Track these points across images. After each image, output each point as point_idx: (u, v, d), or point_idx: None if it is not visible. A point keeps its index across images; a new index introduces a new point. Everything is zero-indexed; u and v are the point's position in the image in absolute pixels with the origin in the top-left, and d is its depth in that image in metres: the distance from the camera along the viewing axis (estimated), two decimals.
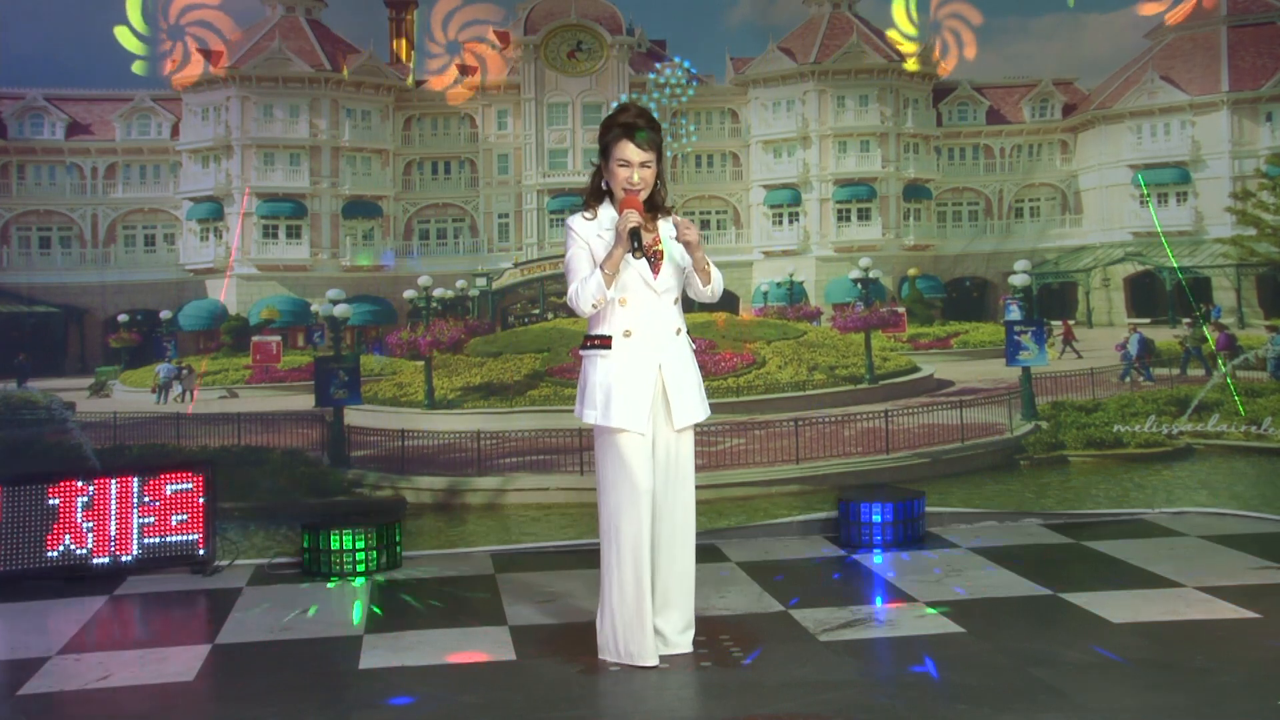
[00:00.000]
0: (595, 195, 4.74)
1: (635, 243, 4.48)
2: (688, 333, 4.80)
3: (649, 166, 4.61)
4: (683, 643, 4.83)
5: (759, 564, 6.39)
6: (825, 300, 7.87)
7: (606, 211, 4.68)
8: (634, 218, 4.49)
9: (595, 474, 4.74)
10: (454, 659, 4.90)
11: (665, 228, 4.73)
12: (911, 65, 7.87)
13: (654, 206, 4.71)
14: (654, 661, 4.65)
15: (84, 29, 7.14)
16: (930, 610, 5.40)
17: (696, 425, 4.81)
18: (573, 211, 4.84)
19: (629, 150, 4.58)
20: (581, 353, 4.75)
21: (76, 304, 7.37)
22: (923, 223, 8.10)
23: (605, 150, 4.65)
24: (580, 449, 7.17)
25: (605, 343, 4.64)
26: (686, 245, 4.61)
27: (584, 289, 4.56)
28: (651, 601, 4.67)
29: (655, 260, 4.64)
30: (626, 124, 4.59)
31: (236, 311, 7.46)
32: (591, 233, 4.64)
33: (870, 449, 7.52)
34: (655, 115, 4.78)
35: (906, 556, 6.49)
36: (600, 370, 4.63)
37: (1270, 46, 7.82)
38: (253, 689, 4.61)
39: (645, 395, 4.60)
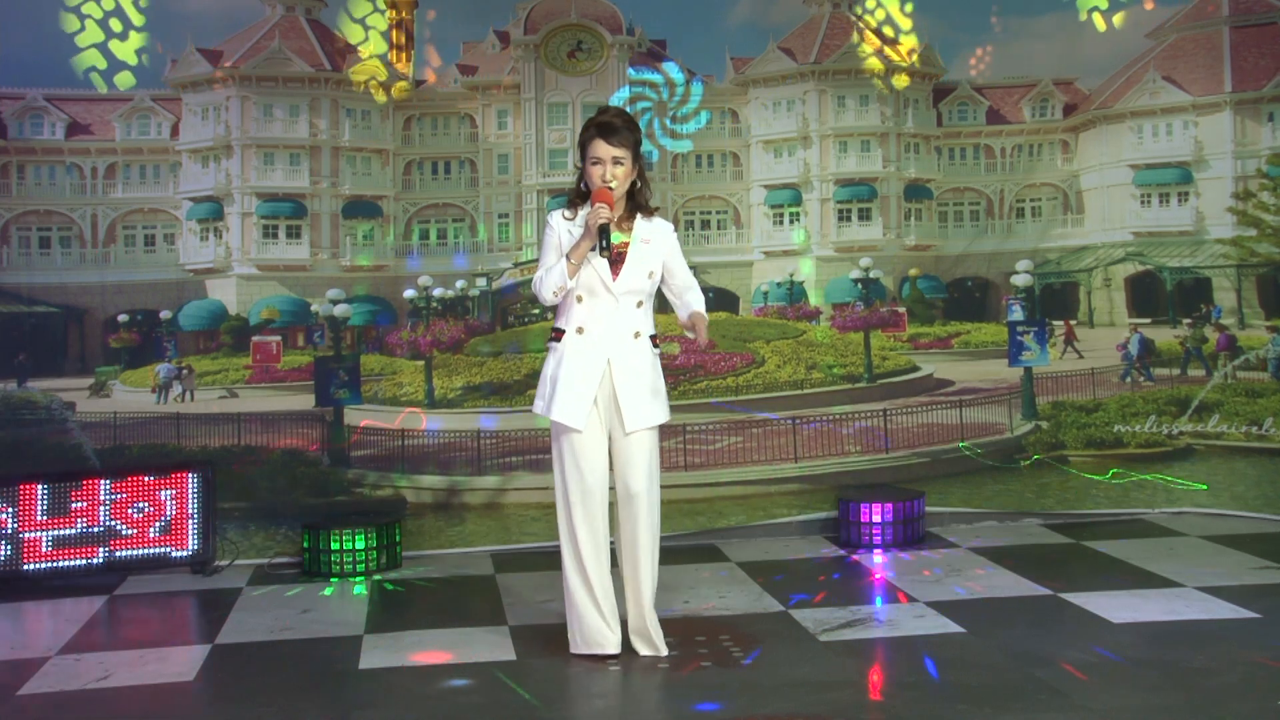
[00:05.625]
0: (580, 196, 4.78)
1: (604, 240, 4.54)
2: (652, 338, 4.78)
3: (621, 164, 4.64)
4: (650, 648, 4.79)
5: (759, 564, 6.39)
6: (825, 300, 7.87)
7: (585, 212, 4.72)
8: (604, 214, 4.54)
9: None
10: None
11: (642, 228, 4.73)
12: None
13: (636, 206, 4.74)
14: (615, 650, 4.71)
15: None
16: (930, 610, 5.41)
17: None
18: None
19: (600, 148, 4.64)
20: (547, 345, 4.84)
21: (76, 304, 7.37)
22: (924, 223, 8.10)
23: (582, 150, 4.73)
24: None
25: (559, 336, 4.74)
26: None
27: (547, 277, 4.66)
28: (613, 595, 4.74)
29: (617, 263, 4.66)
30: (600, 123, 4.67)
31: (236, 311, 7.47)
32: (565, 227, 4.73)
33: (870, 449, 7.51)
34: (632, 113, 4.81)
35: (906, 556, 6.49)
36: (551, 363, 4.75)
37: (1272, 47, 7.82)
38: (253, 689, 4.61)
39: (587, 392, 4.64)
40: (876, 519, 6.71)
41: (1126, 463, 7.53)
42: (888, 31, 7.95)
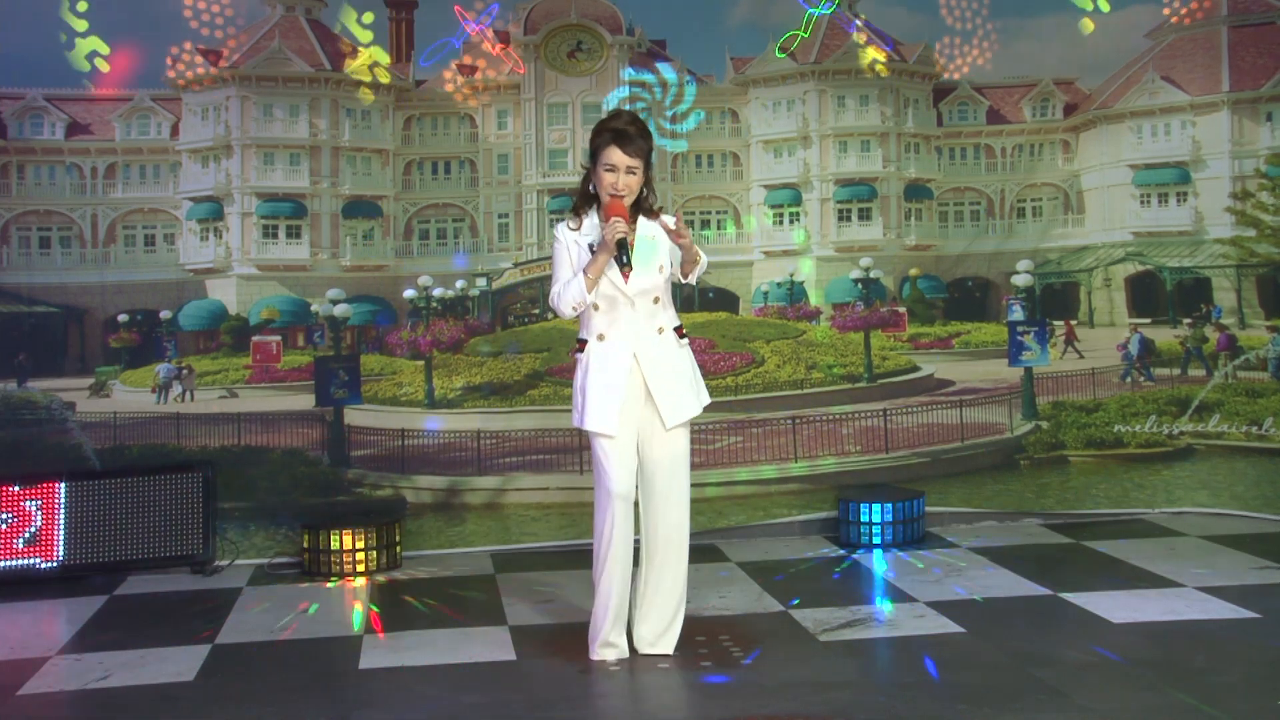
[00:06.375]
0: (584, 198, 4.77)
1: (623, 256, 4.52)
2: (677, 329, 4.79)
3: (634, 173, 4.64)
4: (661, 646, 4.81)
5: (759, 564, 6.39)
6: (825, 300, 7.87)
7: (591, 221, 4.72)
8: (620, 227, 4.52)
9: None
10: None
11: (646, 226, 4.71)
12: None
13: (640, 209, 4.73)
14: (613, 657, 4.72)
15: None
16: (930, 610, 5.41)
17: (695, 420, 4.83)
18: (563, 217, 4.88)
19: (615, 155, 4.61)
20: (572, 355, 4.84)
21: (76, 304, 7.37)
22: (924, 223, 8.10)
23: (594, 154, 4.70)
24: (579, 448, 7.16)
25: (582, 347, 4.75)
26: (680, 245, 4.66)
27: (565, 293, 4.64)
28: (632, 603, 4.75)
29: (625, 266, 4.65)
30: (616, 130, 4.63)
31: (236, 311, 7.47)
32: (572, 239, 4.71)
33: (870, 448, 7.51)
34: (646, 118, 4.80)
35: (906, 556, 6.49)
36: (579, 374, 4.74)
37: (1270, 46, 7.82)
38: (253, 689, 4.61)
39: (615, 397, 4.65)
40: (876, 519, 6.72)
41: (1126, 463, 7.53)
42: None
